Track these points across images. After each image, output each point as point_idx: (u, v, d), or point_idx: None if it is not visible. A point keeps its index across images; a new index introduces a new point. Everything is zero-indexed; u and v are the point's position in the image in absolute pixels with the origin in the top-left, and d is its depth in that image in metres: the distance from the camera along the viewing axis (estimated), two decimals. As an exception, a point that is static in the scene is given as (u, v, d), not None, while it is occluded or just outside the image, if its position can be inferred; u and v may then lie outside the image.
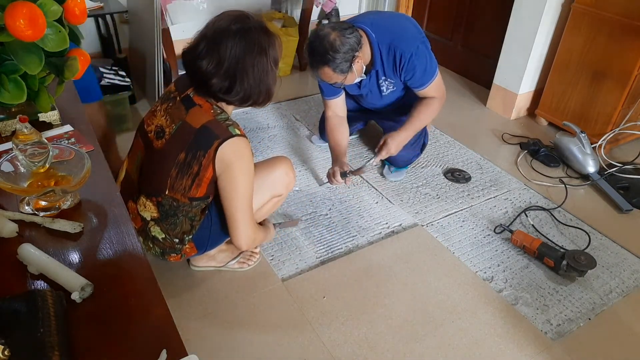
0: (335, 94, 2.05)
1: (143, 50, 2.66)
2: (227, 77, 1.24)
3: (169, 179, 1.30)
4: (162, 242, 1.41)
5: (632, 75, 2.25)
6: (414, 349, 1.49)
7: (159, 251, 1.44)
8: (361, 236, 1.92)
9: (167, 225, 1.38)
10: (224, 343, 1.48)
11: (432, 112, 2.02)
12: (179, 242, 1.42)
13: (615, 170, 2.30)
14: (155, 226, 1.39)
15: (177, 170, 1.29)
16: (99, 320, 0.73)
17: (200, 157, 1.26)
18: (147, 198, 1.37)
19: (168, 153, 1.30)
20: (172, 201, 1.34)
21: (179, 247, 1.43)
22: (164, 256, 1.45)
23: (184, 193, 1.32)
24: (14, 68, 0.95)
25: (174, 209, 1.35)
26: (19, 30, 0.86)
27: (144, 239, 1.43)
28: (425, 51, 1.91)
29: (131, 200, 1.42)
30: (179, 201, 1.33)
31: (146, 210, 1.38)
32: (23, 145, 0.91)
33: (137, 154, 1.41)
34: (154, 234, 1.40)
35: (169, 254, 1.45)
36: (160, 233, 1.39)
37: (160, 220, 1.38)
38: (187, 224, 1.40)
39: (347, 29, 1.76)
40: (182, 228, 1.39)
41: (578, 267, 1.69)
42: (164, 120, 1.32)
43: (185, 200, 1.33)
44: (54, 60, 1.03)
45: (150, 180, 1.37)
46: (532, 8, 2.52)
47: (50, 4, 0.91)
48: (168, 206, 1.35)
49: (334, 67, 1.76)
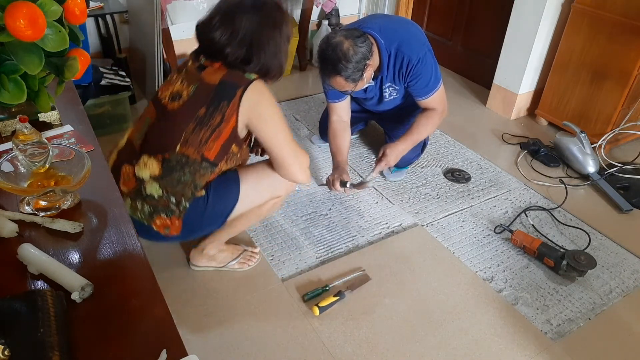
0: (341, 98, 2.04)
1: (143, 50, 2.66)
2: (242, 46, 1.27)
3: (184, 133, 1.30)
4: (157, 200, 1.34)
5: (632, 75, 2.25)
6: (414, 349, 1.49)
7: (147, 211, 1.36)
8: (361, 236, 1.92)
9: (168, 182, 1.33)
10: (224, 343, 1.48)
11: (432, 125, 2.02)
12: (176, 202, 1.35)
13: (615, 170, 2.30)
14: (153, 184, 1.34)
15: (195, 124, 1.30)
16: (99, 320, 0.73)
17: (224, 108, 1.28)
18: (150, 156, 1.33)
19: (186, 111, 1.31)
20: (182, 157, 1.32)
21: (173, 207, 1.36)
22: (151, 218, 1.36)
23: (198, 147, 1.31)
24: (14, 68, 0.95)
25: (182, 165, 1.32)
26: (19, 30, 0.86)
27: (132, 200, 1.36)
28: (432, 60, 1.91)
29: (127, 164, 1.37)
30: (190, 158, 1.32)
31: (146, 169, 1.33)
32: (23, 145, 0.91)
33: (145, 120, 1.40)
34: (150, 191, 1.34)
35: (158, 214, 1.36)
36: (157, 190, 1.34)
37: (161, 177, 1.33)
38: (189, 187, 1.35)
39: (359, 37, 1.74)
40: (184, 188, 1.34)
41: (578, 267, 1.70)
42: (180, 85, 1.34)
43: (197, 156, 1.32)
44: (54, 60, 1.03)
45: (159, 139, 1.35)
46: (532, 8, 2.52)
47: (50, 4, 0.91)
48: (175, 162, 1.32)
49: (347, 76, 1.74)
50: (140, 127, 1.41)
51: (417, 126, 2.00)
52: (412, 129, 2.00)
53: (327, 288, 1.65)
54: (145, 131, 1.39)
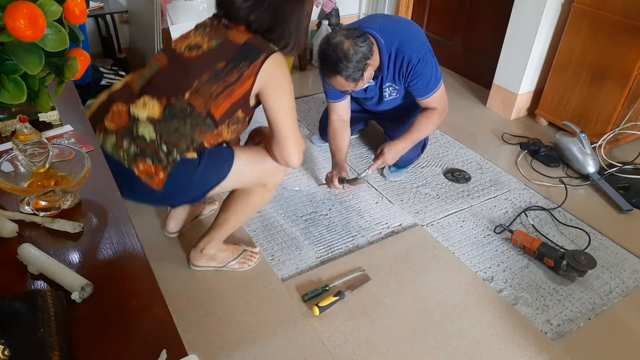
0: (341, 97, 2.04)
1: (143, 50, 2.66)
2: (267, 14, 1.30)
3: (197, 81, 1.27)
4: (147, 144, 1.27)
5: (632, 75, 2.25)
6: (414, 349, 1.49)
7: (132, 152, 1.27)
8: (361, 236, 1.92)
9: (165, 128, 1.27)
10: (224, 343, 1.48)
11: (432, 125, 2.02)
12: (166, 152, 1.28)
13: (615, 170, 2.30)
14: (148, 125, 1.27)
15: (210, 74, 1.28)
16: (99, 320, 0.73)
17: (244, 68, 1.27)
18: (153, 97, 1.28)
19: (204, 61, 1.29)
20: (188, 107, 1.27)
21: (162, 156, 1.28)
22: (135, 160, 1.27)
23: (207, 100, 1.28)
24: (14, 68, 0.95)
25: (185, 115, 1.27)
26: (19, 30, 0.86)
27: (119, 137, 1.28)
28: (432, 59, 1.91)
29: (120, 103, 1.31)
30: (195, 109, 1.28)
31: (145, 109, 1.28)
32: (23, 145, 0.91)
33: (153, 66, 1.36)
34: (142, 133, 1.27)
35: (144, 158, 1.27)
36: (151, 133, 1.27)
37: (159, 121, 1.27)
38: (185, 140, 1.28)
39: (359, 37, 1.74)
40: (179, 139, 1.28)
41: (578, 267, 1.70)
42: (201, 39, 1.33)
43: (203, 110, 1.28)
44: (54, 60, 1.03)
45: (168, 82, 1.32)
46: (532, 8, 2.52)
47: (50, 4, 0.91)
48: (180, 109, 1.27)
49: (347, 75, 1.75)
50: (145, 72, 1.36)
51: (418, 125, 2.00)
52: (413, 128, 2.00)
53: (327, 288, 1.65)
54: (151, 75, 1.34)
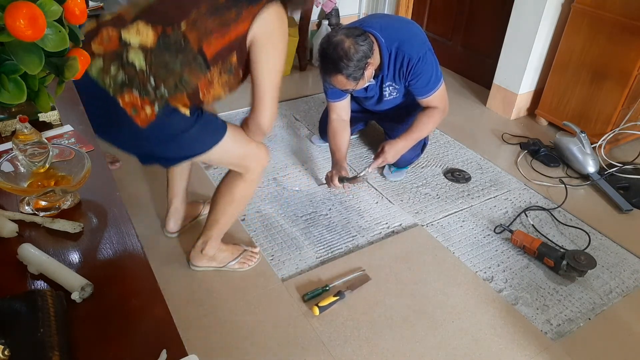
0: (341, 97, 2.04)
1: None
2: None
3: (196, 10, 1.21)
4: (135, 73, 1.19)
5: (632, 75, 2.25)
6: (414, 349, 1.49)
7: (119, 80, 1.20)
8: (361, 236, 1.92)
9: (156, 59, 1.19)
10: (224, 343, 1.48)
11: (432, 124, 2.02)
12: (154, 86, 1.20)
13: (615, 170, 2.30)
14: (138, 52, 1.19)
15: (209, 6, 1.22)
16: (99, 320, 0.73)
17: (242, 8, 1.22)
18: (148, 24, 1.20)
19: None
20: (182, 39, 1.20)
21: (149, 89, 1.20)
22: (121, 89, 1.20)
23: (200, 36, 1.21)
24: (14, 68, 0.95)
25: (178, 48, 1.20)
26: (19, 30, 0.86)
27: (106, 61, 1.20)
28: (432, 59, 1.91)
29: (111, 27, 1.22)
30: (189, 44, 1.20)
31: (138, 36, 1.19)
32: (23, 145, 0.91)
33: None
34: (133, 59, 1.19)
35: (130, 89, 1.20)
36: (141, 62, 1.19)
37: (151, 51, 1.19)
38: (174, 77, 1.21)
39: (359, 36, 1.74)
40: (168, 76, 1.21)
41: (578, 267, 1.70)
42: None
43: (195, 47, 1.21)
44: (54, 60, 1.03)
45: (166, 8, 1.25)
46: (532, 8, 2.52)
47: (50, 4, 0.91)
48: (174, 41, 1.20)
49: (348, 74, 1.74)
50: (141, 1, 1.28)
51: (418, 124, 2.00)
52: (413, 127, 2.00)
53: (327, 288, 1.65)
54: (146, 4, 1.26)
